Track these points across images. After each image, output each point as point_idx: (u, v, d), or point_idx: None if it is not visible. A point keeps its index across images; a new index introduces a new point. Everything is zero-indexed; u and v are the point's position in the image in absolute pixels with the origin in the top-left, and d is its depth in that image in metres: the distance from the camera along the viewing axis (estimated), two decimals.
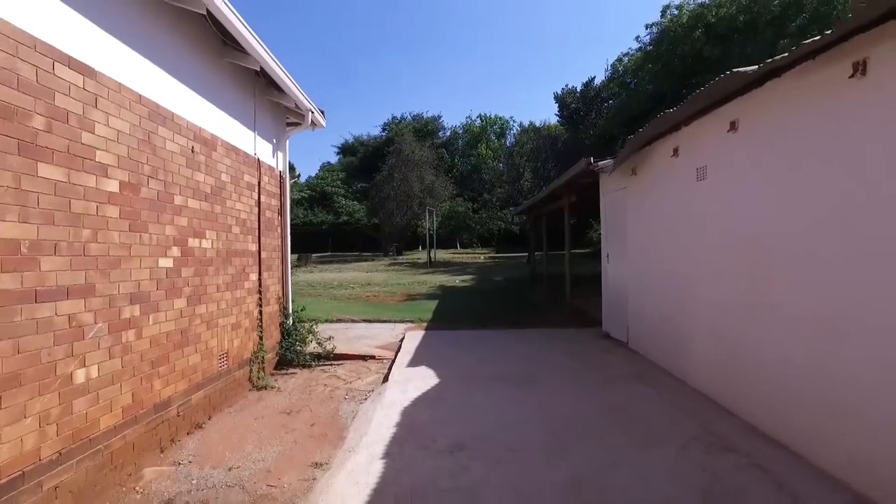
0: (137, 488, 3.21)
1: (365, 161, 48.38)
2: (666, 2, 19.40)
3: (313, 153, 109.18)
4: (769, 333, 3.68)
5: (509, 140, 44.88)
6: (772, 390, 3.64)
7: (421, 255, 34.51)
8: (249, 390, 5.39)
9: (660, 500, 2.86)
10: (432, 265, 26.82)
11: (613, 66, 24.37)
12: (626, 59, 23.35)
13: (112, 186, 3.26)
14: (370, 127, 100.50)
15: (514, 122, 54.37)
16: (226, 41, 4.72)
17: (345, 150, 55.32)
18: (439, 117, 54.26)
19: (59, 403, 2.78)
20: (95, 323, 3.08)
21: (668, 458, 3.41)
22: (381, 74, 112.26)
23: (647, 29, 20.58)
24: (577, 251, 22.47)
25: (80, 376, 2.94)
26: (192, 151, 4.33)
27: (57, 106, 2.79)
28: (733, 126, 4.05)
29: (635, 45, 22.21)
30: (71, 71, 2.90)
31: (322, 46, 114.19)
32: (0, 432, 2.39)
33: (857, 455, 2.85)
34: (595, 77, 30.76)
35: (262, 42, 4.73)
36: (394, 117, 53.68)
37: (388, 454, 3.57)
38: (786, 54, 2.99)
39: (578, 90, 30.00)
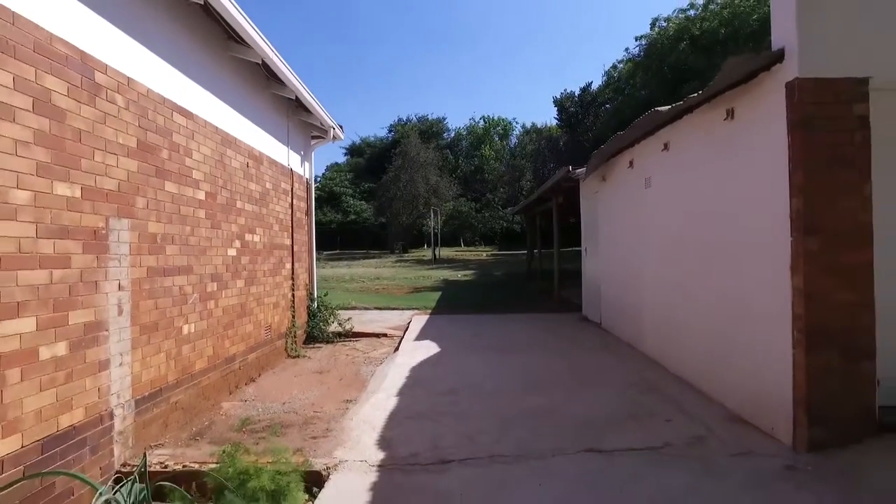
0: (221, 413, 4.46)
1: (372, 162, 49.66)
2: (655, 14, 20.62)
3: (322, 154, 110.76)
4: (680, 306, 4.88)
5: (512, 141, 45.99)
6: (683, 348, 4.85)
7: (426, 253, 35.74)
8: (286, 358, 6.64)
9: (597, 416, 4.07)
10: (437, 262, 28.05)
11: (608, 72, 25.59)
12: (620, 65, 24.52)
13: (201, 196, 4.51)
14: (376, 128, 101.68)
15: (516, 123, 55.58)
16: (270, 78, 5.96)
17: (352, 151, 56.68)
18: (444, 119, 55.58)
19: (176, 347, 4.03)
20: (193, 293, 4.33)
21: (609, 396, 4.62)
22: (387, 77, 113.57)
23: (636, 41, 21.81)
24: (575, 248, 23.65)
25: (185, 330, 4.19)
26: (247, 166, 5.58)
27: (174, 141, 4.04)
28: (666, 147, 5.24)
29: (626, 55, 23.40)
30: (181, 116, 4.15)
31: (327, 48, 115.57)
32: (150, 360, 3.64)
33: (726, 381, 4.06)
34: (592, 82, 32.00)
35: (299, 79, 5.97)
36: (399, 119, 54.99)
37: (401, 394, 4.81)
38: (680, 103, 4.19)
39: (576, 95, 31.21)
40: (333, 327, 7.92)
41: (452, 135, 55.75)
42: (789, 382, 3.30)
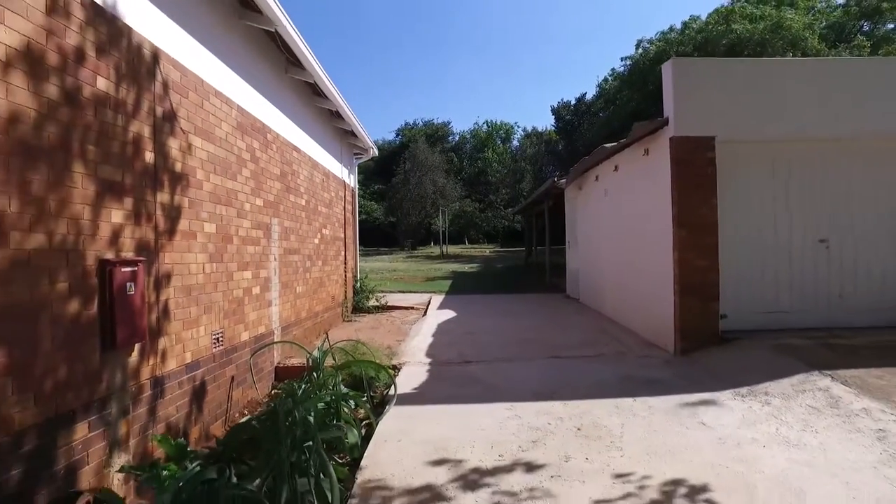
0: (316, 347, 6.76)
1: (380, 164, 51.81)
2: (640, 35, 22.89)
3: None
4: (625, 279, 7.16)
5: (513, 145, 48.17)
6: (627, 306, 7.14)
7: (434, 250, 38.02)
8: (343, 321, 8.95)
9: (564, 344, 6.35)
10: (445, 257, 30.33)
11: (601, 84, 27.92)
12: (610, 79, 26.83)
13: (303, 203, 6.81)
14: (383, 131, 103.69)
15: (517, 127, 57.78)
16: (335, 115, 8.25)
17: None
18: (449, 123, 57.77)
19: (294, 300, 6.33)
20: (300, 266, 6.63)
21: (574, 335, 6.90)
22: (392, 81, 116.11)
23: (621, 61, 24.18)
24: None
25: (297, 289, 6.49)
26: (322, 181, 7.88)
27: (293, 168, 6.34)
28: (616, 168, 7.51)
29: (614, 73, 25.70)
30: (295, 152, 6.45)
31: (332, 52, 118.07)
32: (285, 305, 5.94)
33: (647, 323, 6.34)
34: (586, 93, 34.38)
35: (358, 119, 8.27)
36: (406, 123, 57.21)
37: (434, 336, 7.11)
38: (616, 143, 6.46)
39: (572, 104, 33.54)
40: (372, 302, 10.22)
41: (457, 138, 58.02)
42: (672, 317, 5.57)
